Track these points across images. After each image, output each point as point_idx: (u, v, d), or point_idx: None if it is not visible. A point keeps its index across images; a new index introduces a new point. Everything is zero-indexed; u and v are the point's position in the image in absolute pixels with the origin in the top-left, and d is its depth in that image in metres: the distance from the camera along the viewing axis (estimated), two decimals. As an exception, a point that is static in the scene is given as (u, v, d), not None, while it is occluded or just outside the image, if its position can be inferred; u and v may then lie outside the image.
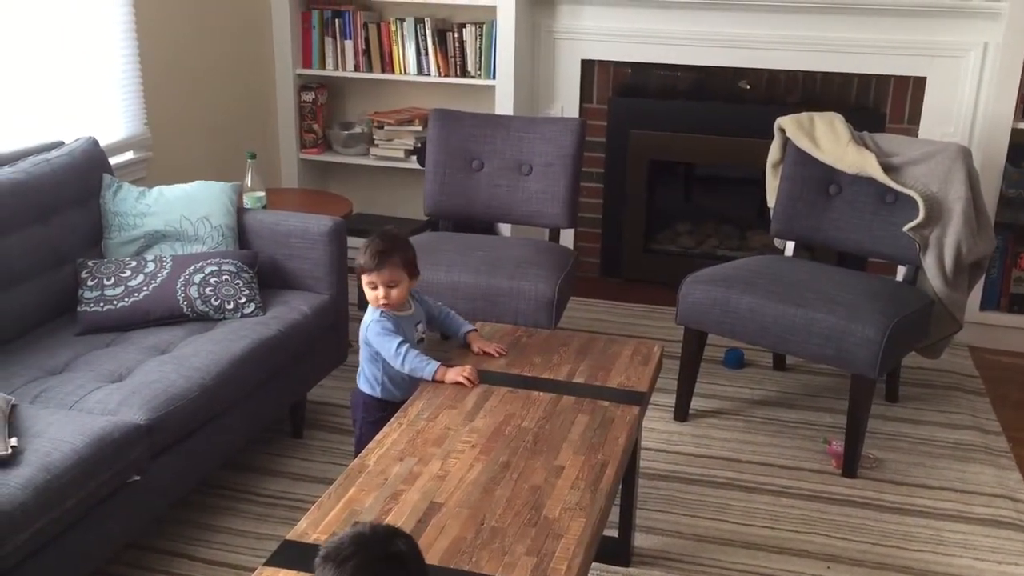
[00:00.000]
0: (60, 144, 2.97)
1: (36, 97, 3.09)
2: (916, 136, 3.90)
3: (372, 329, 2.37)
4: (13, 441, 2.02)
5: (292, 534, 1.69)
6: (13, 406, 2.19)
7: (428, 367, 2.30)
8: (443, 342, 3.46)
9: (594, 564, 2.19)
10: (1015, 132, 3.73)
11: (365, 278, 2.36)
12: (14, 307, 2.59)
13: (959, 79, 3.85)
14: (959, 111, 3.87)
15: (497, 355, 2.44)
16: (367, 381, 2.46)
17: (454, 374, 2.28)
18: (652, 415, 3.19)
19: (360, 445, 2.43)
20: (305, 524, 1.72)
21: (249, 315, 2.79)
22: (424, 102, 4.50)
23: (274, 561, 1.62)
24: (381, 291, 2.34)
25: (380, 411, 2.40)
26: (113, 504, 2.14)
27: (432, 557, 1.64)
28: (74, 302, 2.71)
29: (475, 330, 2.53)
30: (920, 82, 3.93)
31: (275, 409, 2.87)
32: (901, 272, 3.35)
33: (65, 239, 2.79)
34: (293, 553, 1.64)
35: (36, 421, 2.14)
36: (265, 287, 2.93)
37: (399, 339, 2.34)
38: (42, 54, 3.09)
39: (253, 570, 1.63)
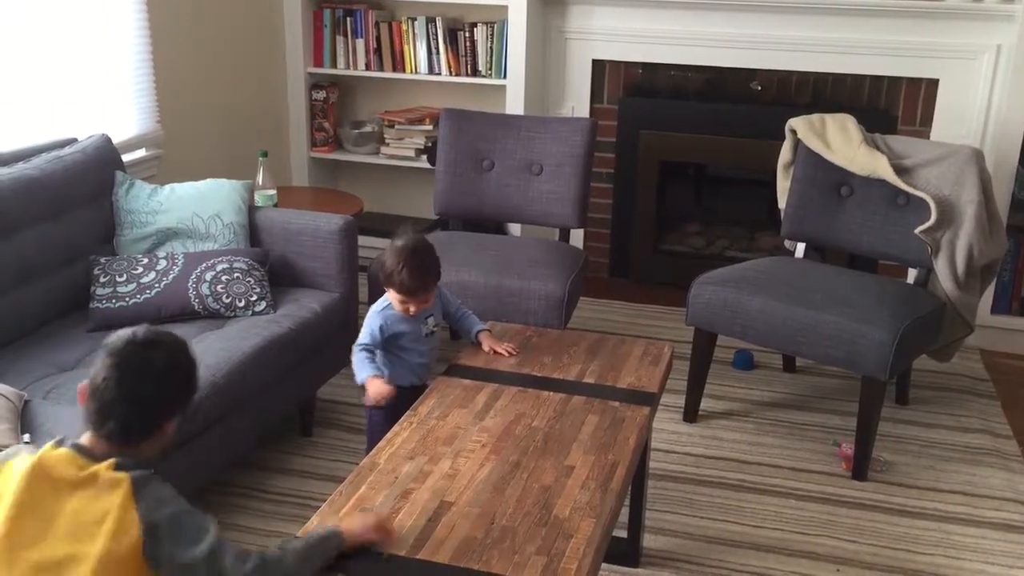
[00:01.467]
0: (73, 141, 2.98)
1: (49, 94, 3.10)
2: (928, 138, 3.89)
3: (371, 313, 2.40)
4: (25, 437, 2.03)
5: (302, 532, 1.70)
6: (25, 402, 2.20)
7: (362, 373, 2.31)
8: (454, 341, 3.48)
9: (603, 565, 2.19)
10: (1028, 135, 3.72)
11: (398, 296, 2.33)
12: (26, 303, 2.60)
13: (972, 81, 3.84)
14: (972, 113, 3.85)
15: (508, 355, 2.44)
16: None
17: (374, 390, 2.27)
18: (661, 416, 3.19)
19: (368, 428, 2.45)
20: (316, 521, 1.73)
21: (260, 313, 2.79)
22: (435, 101, 4.50)
23: (285, 558, 1.62)
24: (413, 307, 2.35)
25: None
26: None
27: (443, 556, 1.64)
28: (86, 299, 2.72)
29: (487, 329, 2.53)
30: (933, 84, 3.92)
31: (285, 407, 2.88)
32: (912, 275, 3.34)
33: (77, 236, 2.80)
34: (304, 550, 1.64)
35: (48, 417, 2.15)
36: (276, 285, 2.93)
37: (371, 338, 2.36)
38: (55, 51, 3.10)
39: (264, 567, 1.63)
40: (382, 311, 2.38)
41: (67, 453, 1.50)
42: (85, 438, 1.55)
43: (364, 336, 2.38)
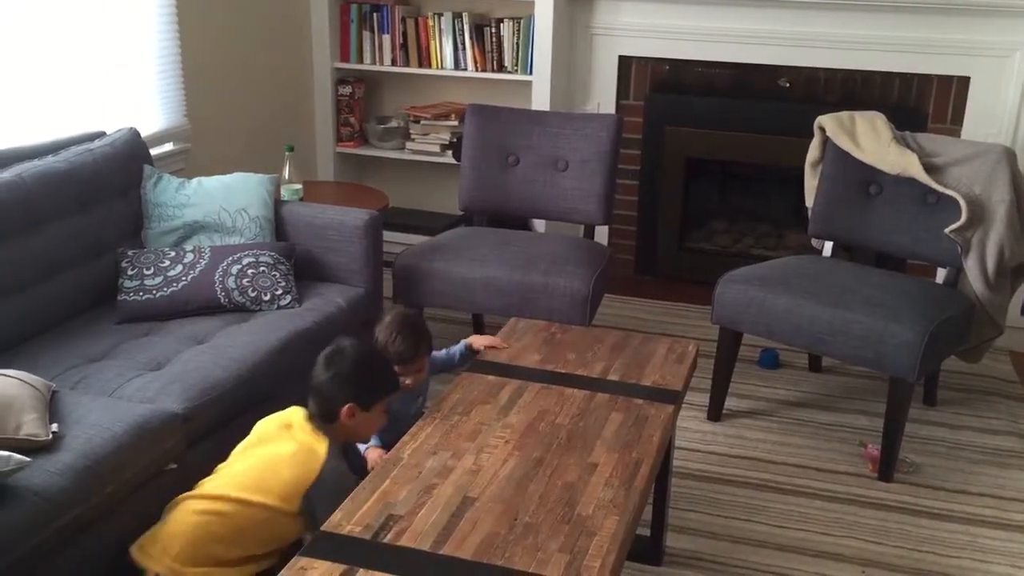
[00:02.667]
0: (102, 134, 3.01)
1: (78, 88, 3.13)
2: (959, 137, 3.84)
3: None
4: (54, 427, 2.05)
5: (327, 525, 1.70)
6: (54, 392, 2.22)
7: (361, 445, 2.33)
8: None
9: (626, 563, 2.18)
10: (1061, 134, 3.66)
11: (396, 366, 2.32)
12: (56, 295, 2.63)
13: (1004, 79, 3.79)
14: (1004, 112, 3.80)
15: (500, 347, 2.45)
16: None
17: (374, 459, 2.27)
18: (685, 414, 3.18)
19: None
20: (340, 515, 1.73)
21: (285, 307, 2.81)
22: (461, 97, 4.50)
23: (310, 552, 1.63)
24: (409, 379, 2.35)
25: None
26: (150, 491, 2.16)
27: (465, 551, 1.64)
28: (114, 291, 2.74)
29: (469, 340, 2.53)
30: (964, 82, 3.87)
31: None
32: (941, 274, 3.30)
33: (106, 229, 2.82)
34: (328, 544, 1.65)
35: (76, 408, 2.17)
36: (301, 279, 2.95)
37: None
38: (85, 45, 3.13)
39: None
40: None
41: (302, 412, 2.12)
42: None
43: None
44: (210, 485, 2.06)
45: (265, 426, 2.15)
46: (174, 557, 1.98)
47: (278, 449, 2.06)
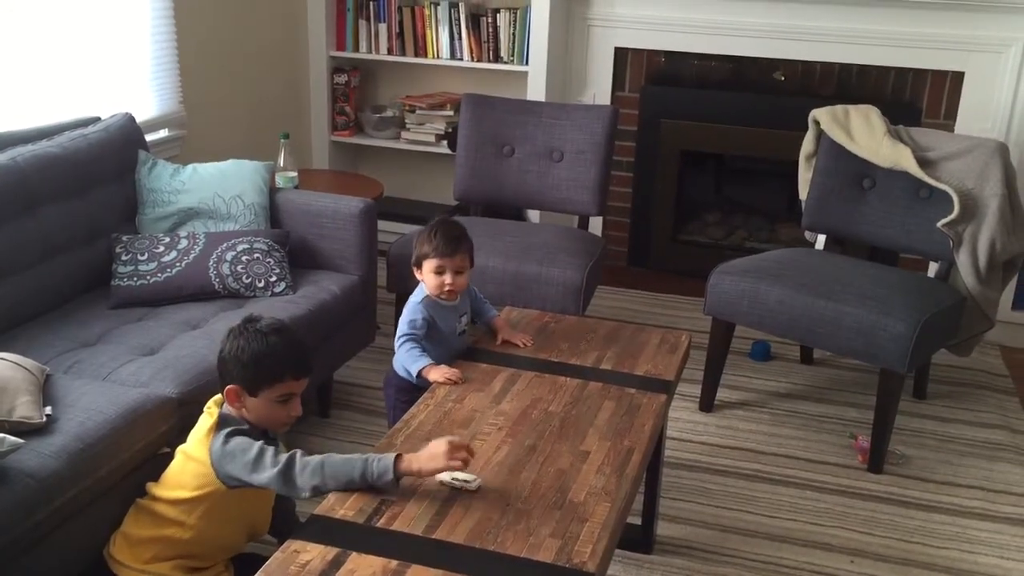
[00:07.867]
0: (97, 120, 3.00)
1: (74, 73, 3.12)
2: (953, 132, 3.86)
3: (409, 306, 2.38)
4: (47, 410, 2.05)
5: (320, 509, 1.71)
6: (48, 376, 2.22)
7: (416, 363, 2.28)
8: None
9: (617, 551, 2.19)
10: (1054, 129, 3.68)
11: (433, 263, 2.32)
12: (50, 280, 2.63)
13: (998, 75, 3.80)
14: (997, 107, 3.82)
15: (523, 346, 2.42)
16: (401, 365, 2.40)
17: (438, 373, 2.24)
18: (677, 405, 3.19)
19: (393, 421, 2.44)
20: (333, 500, 1.74)
21: (279, 294, 2.81)
22: (456, 87, 4.50)
23: (302, 535, 1.64)
24: (448, 277, 2.32)
25: (409, 393, 2.39)
26: (144, 475, 2.16)
27: (458, 536, 1.65)
28: (108, 276, 2.74)
29: (499, 316, 2.52)
30: (958, 77, 3.88)
31: (304, 388, 2.88)
32: (933, 268, 3.32)
33: (100, 214, 2.82)
34: (321, 528, 1.66)
35: (69, 391, 2.17)
36: (295, 266, 2.95)
37: (411, 327, 2.34)
38: (80, 31, 3.12)
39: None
40: (421, 302, 2.36)
41: (218, 397, 2.00)
42: None
43: (404, 327, 2.35)
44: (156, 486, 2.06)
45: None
46: (136, 559, 2.01)
47: (188, 442, 2.02)
